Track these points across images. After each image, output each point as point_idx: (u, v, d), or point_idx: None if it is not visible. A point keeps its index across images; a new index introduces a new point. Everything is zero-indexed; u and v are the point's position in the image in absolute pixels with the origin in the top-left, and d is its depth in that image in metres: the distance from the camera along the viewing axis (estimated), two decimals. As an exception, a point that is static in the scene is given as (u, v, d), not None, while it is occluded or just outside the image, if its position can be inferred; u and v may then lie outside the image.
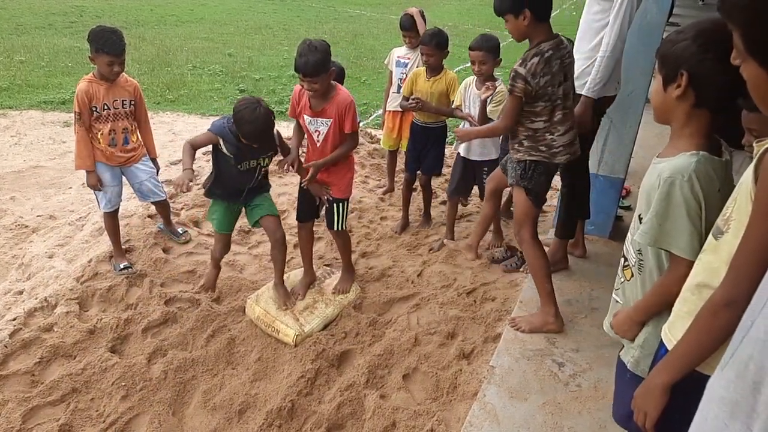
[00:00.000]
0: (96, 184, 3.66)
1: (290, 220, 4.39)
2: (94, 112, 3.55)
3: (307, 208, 3.40)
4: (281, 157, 3.23)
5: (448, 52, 4.07)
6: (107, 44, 3.41)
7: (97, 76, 3.55)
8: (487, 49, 3.55)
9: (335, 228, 3.37)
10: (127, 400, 2.84)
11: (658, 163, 1.59)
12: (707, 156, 1.50)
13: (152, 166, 3.94)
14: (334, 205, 3.32)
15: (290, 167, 3.15)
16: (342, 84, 3.57)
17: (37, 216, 4.74)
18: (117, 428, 2.70)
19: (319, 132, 3.15)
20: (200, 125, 7.43)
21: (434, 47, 3.94)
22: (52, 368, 3.03)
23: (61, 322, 3.29)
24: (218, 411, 2.81)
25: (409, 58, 4.58)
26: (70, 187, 5.39)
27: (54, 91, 8.36)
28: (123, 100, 3.64)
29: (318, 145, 3.19)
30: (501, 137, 3.77)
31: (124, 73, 3.65)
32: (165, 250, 4.09)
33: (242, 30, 14.30)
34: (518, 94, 2.60)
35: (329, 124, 3.10)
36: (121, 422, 2.73)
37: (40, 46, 10.84)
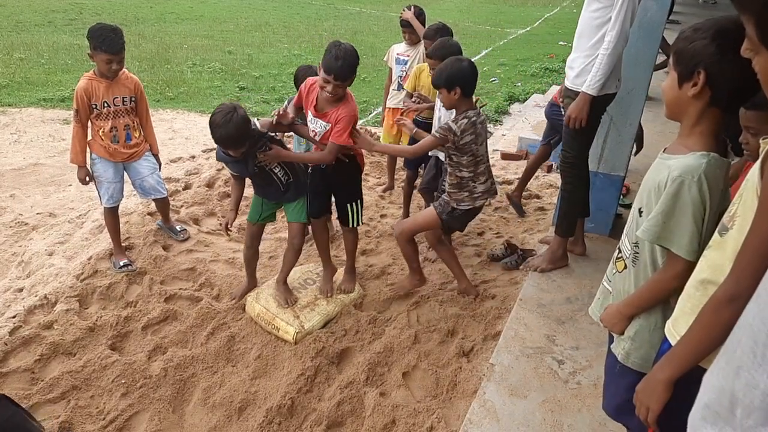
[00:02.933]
0: (84, 179, 3.69)
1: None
2: (94, 110, 3.56)
3: (319, 204, 3.40)
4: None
5: None
6: (105, 42, 3.41)
7: (97, 73, 3.55)
8: (437, 58, 3.52)
9: (350, 225, 3.42)
10: (127, 398, 2.84)
11: (666, 159, 1.59)
12: (717, 157, 1.51)
13: (155, 162, 3.94)
14: (347, 205, 3.36)
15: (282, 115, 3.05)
16: None
17: (37, 213, 4.74)
18: (117, 425, 2.70)
19: (316, 132, 3.15)
20: (200, 123, 7.42)
21: None
22: (52, 365, 3.03)
23: (61, 319, 3.30)
24: (218, 408, 2.81)
25: (408, 56, 4.58)
26: (70, 185, 5.39)
27: (54, 88, 8.35)
28: (123, 98, 3.64)
29: (312, 132, 3.20)
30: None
31: (125, 70, 3.65)
32: (165, 248, 4.09)
33: (242, 27, 14.29)
34: (440, 138, 3.04)
35: (326, 128, 3.10)
36: (121, 419, 2.73)
37: (40, 44, 10.83)
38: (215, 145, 3.06)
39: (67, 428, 2.68)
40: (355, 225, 3.42)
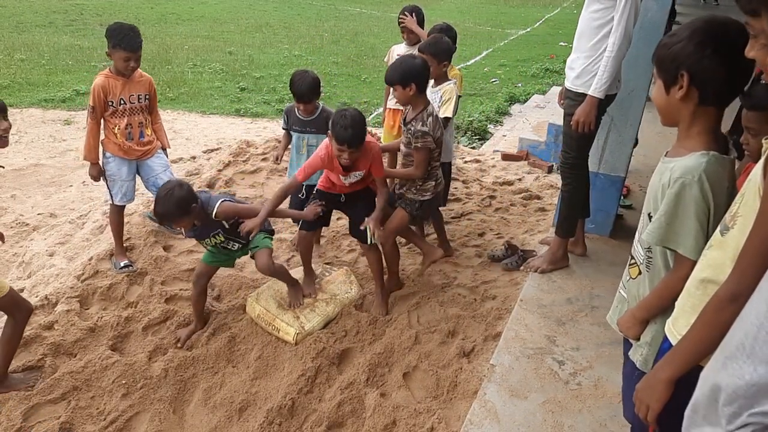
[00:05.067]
0: (97, 176, 3.74)
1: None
2: (110, 107, 3.62)
3: (316, 218, 3.38)
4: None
5: (455, 48, 4.08)
6: (124, 41, 3.48)
7: (113, 71, 3.62)
8: (429, 53, 3.57)
9: (369, 242, 3.35)
10: (127, 398, 2.84)
11: (667, 163, 1.59)
12: (717, 156, 1.51)
13: (167, 160, 4.00)
14: (366, 219, 3.31)
15: (247, 235, 3.06)
16: (318, 95, 3.59)
17: (38, 214, 4.75)
18: (117, 426, 2.70)
19: (351, 181, 3.24)
20: (201, 124, 7.43)
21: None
22: (52, 366, 3.03)
23: (62, 320, 3.30)
24: (219, 409, 2.81)
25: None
26: (71, 185, 5.40)
27: (54, 89, 8.36)
28: (138, 95, 3.71)
29: (347, 184, 3.26)
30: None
31: (138, 69, 3.72)
32: (165, 249, 4.09)
33: (243, 28, 14.31)
34: (429, 147, 3.17)
35: (360, 175, 3.21)
36: (122, 420, 2.73)
37: (41, 44, 10.85)
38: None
39: (68, 429, 2.68)
40: (373, 242, 3.36)
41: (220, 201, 3.04)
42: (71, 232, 4.40)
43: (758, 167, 1.23)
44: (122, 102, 3.64)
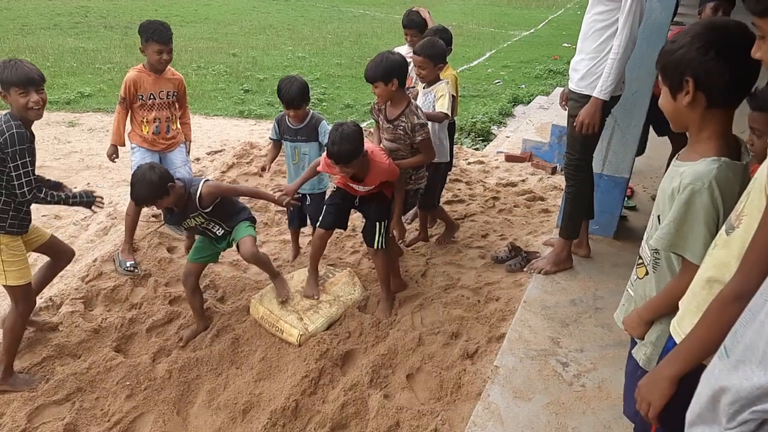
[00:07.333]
0: (111, 156, 3.88)
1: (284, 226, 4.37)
2: (140, 100, 3.77)
3: (335, 218, 3.40)
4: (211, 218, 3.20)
5: (451, 49, 4.09)
6: (156, 33, 3.65)
7: (146, 66, 3.76)
8: (426, 55, 3.60)
9: (375, 246, 3.36)
10: (131, 400, 2.85)
11: (678, 166, 1.59)
12: (728, 162, 1.50)
13: (186, 155, 4.13)
14: (377, 223, 3.34)
15: (283, 202, 3.34)
16: (308, 100, 3.59)
17: (42, 216, 4.75)
18: (121, 427, 2.71)
19: (362, 189, 3.30)
20: (204, 126, 7.44)
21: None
22: (57, 367, 3.04)
23: (66, 321, 3.31)
24: (222, 410, 2.82)
25: (411, 57, 4.57)
26: (75, 187, 5.41)
27: (59, 91, 8.38)
28: (168, 92, 3.86)
29: (359, 190, 3.31)
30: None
31: (170, 67, 3.86)
32: (169, 250, 4.10)
33: (246, 30, 14.33)
34: (428, 135, 3.29)
35: (370, 188, 3.26)
36: (126, 421, 2.73)
37: (45, 47, 10.89)
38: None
39: (72, 430, 2.69)
40: (380, 246, 3.36)
41: (203, 180, 3.10)
42: (76, 233, 4.41)
43: (763, 167, 1.23)
44: (151, 97, 3.79)
